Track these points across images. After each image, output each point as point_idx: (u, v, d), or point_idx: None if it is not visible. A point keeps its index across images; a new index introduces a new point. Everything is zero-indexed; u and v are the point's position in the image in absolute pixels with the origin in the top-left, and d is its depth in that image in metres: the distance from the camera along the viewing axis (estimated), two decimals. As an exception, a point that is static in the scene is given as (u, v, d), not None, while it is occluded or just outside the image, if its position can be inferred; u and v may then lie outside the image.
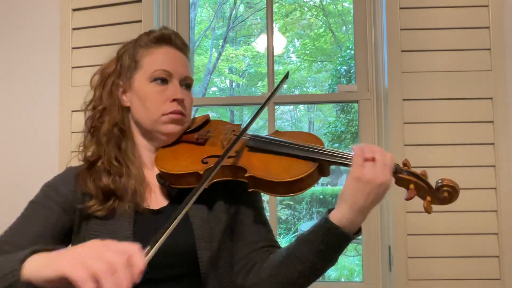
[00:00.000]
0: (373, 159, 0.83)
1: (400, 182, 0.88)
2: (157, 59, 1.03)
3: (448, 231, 1.61)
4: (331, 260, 0.87)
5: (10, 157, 1.95)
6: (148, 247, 0.68)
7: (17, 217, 0.97)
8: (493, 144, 1.63)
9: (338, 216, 0.84)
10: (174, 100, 1.01)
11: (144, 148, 1.06)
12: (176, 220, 0.73)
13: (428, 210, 0.85)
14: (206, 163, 0.96)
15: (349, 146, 10.36)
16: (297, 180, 0.88)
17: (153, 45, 1.04)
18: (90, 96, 1.07)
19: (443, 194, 0.85)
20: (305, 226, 6.94)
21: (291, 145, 0.94)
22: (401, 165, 0.88)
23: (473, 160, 1.63)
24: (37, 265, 0.69)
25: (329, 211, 0.87)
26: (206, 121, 1.11)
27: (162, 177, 0.98)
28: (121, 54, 1.06)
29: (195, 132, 1.06)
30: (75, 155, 1.06)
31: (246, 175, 0.91)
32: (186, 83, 1.06)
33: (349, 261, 6.93)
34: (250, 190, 0.92)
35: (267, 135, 1.03)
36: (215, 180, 0.93)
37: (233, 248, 1.00)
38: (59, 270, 0.63)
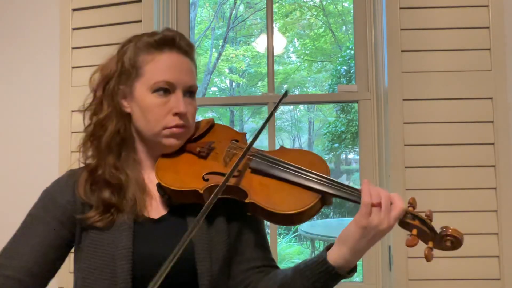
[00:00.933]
0: (379, 204, 0.83)
1: (404, 225, 0.87)
2: (159, 67, 0.97)
3: (448, 231, 1.61)
4: None
5: (10, 157, 1.95)
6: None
7: (16, 230, 0.96)
8: (493, 144, 1.63)
9: (336, 257, 0.85)
10: (176, 113, 0.96)
11: (144, 154, 1.03)
12: (175, 258, 0.73)
13: (428, 258, 0.83)
14: (207, 180, 0.94)
15: (349, 146, 10.37)
16: (298, 213, 0.87)
17: (155, 50, 0.98)
18: (90, 97, 1.03)
19: (445, 243, 0.85)
20: (305, 226, 6.93)
21: (295, 173, 0.91)
22: (407, 205, 0.87)
23: (473, 160, 1.63)
24: None
25: (328, 248, 0.87)
26: (211, 126, 1.08)
27: (162, 189, 0.97)
28: (122, 55, 1.01)
29: (198, 141, 1.03)
30: (75, 155, 1.05)
31: (247, 200, 0.89)
32: (190, 91, 1.01)
33: (349, 261, 6.92)
34: (249, 214, 0.91)
35: (272, 151, 1.00)
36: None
37: (231, 261, 0.99)
38: None
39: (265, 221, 1.04)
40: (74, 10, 1.92)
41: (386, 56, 1.70)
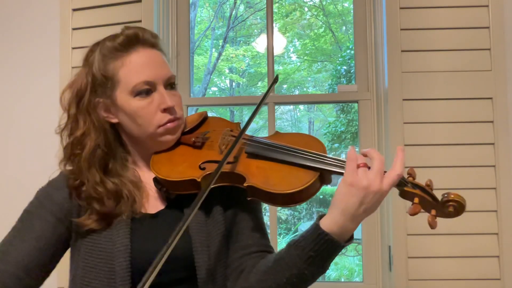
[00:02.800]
0: (366, 165, 0.81)
1: (404, 194, 0.85)
2: (133, 70, 0.94)
3: (448, 231, 1.61)
4: (320, 267, 0.84)
5: (10, 157, 1.95)
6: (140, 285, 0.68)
7: (12, 227, 0.94)
8: (493, 144, 1.63)
9: (328, 223, 0.81)
10: (165, 109, 0.95)
11: (138, 156, 1.02)
12: (169, 250, 0.72)
13: (432, 225, 0.82)
14: (203, 169, 0.93)
15: (349, 147, 10.35)
16: (298, 191, 0.85)
17: (122, 54, 0.95)
18: (64, 118, 0.99)
19: (448, 209, 0.83)
20: (305, 226, 6.95)
21: (291, 152, 0.90)
22: (406, 175, 0.86)
23: (473, 160, 1.63)
24: None
25: (321, 217, 0.84)
26: (204, 119, 1.07)
27: (159, 182, 0.96)
28: (90, 67, 0.97)
29: (192, 133, 1.03)
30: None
31: (245, 184, 0.88)
32: (170, 83, 0.99)
33: (349, 261, 6.93)
34: (249, 198, 0.90)
35: (267, 136, 1.00)
36: (213, 186, 0.90)
37: (228, 251, 0.98)
38: None
39: (262, 214, 1.04)
40: (74, 10, 1.92)
41: (386, 56, 1.70)
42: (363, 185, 0.79)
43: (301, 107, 11.95)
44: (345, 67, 9.50)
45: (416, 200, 0.83)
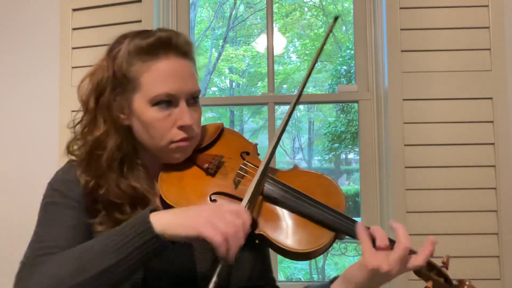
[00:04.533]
0: (388, 247, 0.79)
1: (418, 273, 0.84)
2: (157, 78, 0.86)
3: (448, 231, 1.61)
4: None
5: (10, 157, 1.95)
6: (246, 204, 0.79)
7: (37, 222, 0.86)
8: (493, 144, 1.63)
9: None
10: (182, 126, 0.88)
11: (148, 161, 0.95)
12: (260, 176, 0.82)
13: None
14: (214, 200, 0.87)
15: (349, 146, 10.38)
16: (310, 252, 0.82)
17: (149, 57, 0.87)
18: (78, 109, 0.93)
19: None
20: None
21: (311, 206, 0.85)
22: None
23: (473, 160, 1.63)
24: (167, 223, 0.73)
25: (332, 281, 0.84)
26: (220, 132, 1.01)
27: (166, 204, 0.89)
28: (112, 60, 0.90)
29: (206, 153, 0.96)
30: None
31: (256, 231, 0.83)
32: (194, 97, 0.91)
33: (349, 261, 6.93)
34: (256, 242, 0.85)
35: (285, 172, 0.94)
36: None
37: (230, 277, 0.94)
38: (196, 231, 0.72)
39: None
40: (74, 10, 1.92)
41: (386, 56, 1.70)
42: (385, 270, 0.78)
43: (301, 107, 11.95)
44: (345, 67, 9.52)
45: (430, 284, 0.82)
